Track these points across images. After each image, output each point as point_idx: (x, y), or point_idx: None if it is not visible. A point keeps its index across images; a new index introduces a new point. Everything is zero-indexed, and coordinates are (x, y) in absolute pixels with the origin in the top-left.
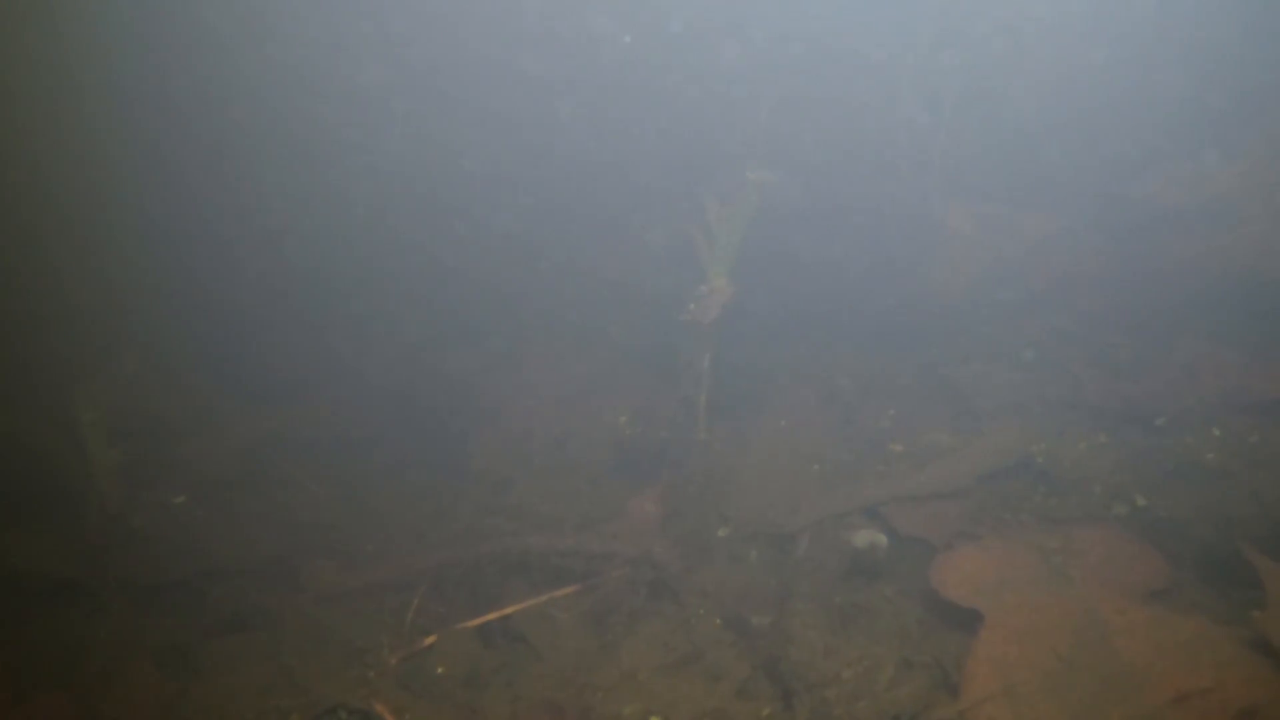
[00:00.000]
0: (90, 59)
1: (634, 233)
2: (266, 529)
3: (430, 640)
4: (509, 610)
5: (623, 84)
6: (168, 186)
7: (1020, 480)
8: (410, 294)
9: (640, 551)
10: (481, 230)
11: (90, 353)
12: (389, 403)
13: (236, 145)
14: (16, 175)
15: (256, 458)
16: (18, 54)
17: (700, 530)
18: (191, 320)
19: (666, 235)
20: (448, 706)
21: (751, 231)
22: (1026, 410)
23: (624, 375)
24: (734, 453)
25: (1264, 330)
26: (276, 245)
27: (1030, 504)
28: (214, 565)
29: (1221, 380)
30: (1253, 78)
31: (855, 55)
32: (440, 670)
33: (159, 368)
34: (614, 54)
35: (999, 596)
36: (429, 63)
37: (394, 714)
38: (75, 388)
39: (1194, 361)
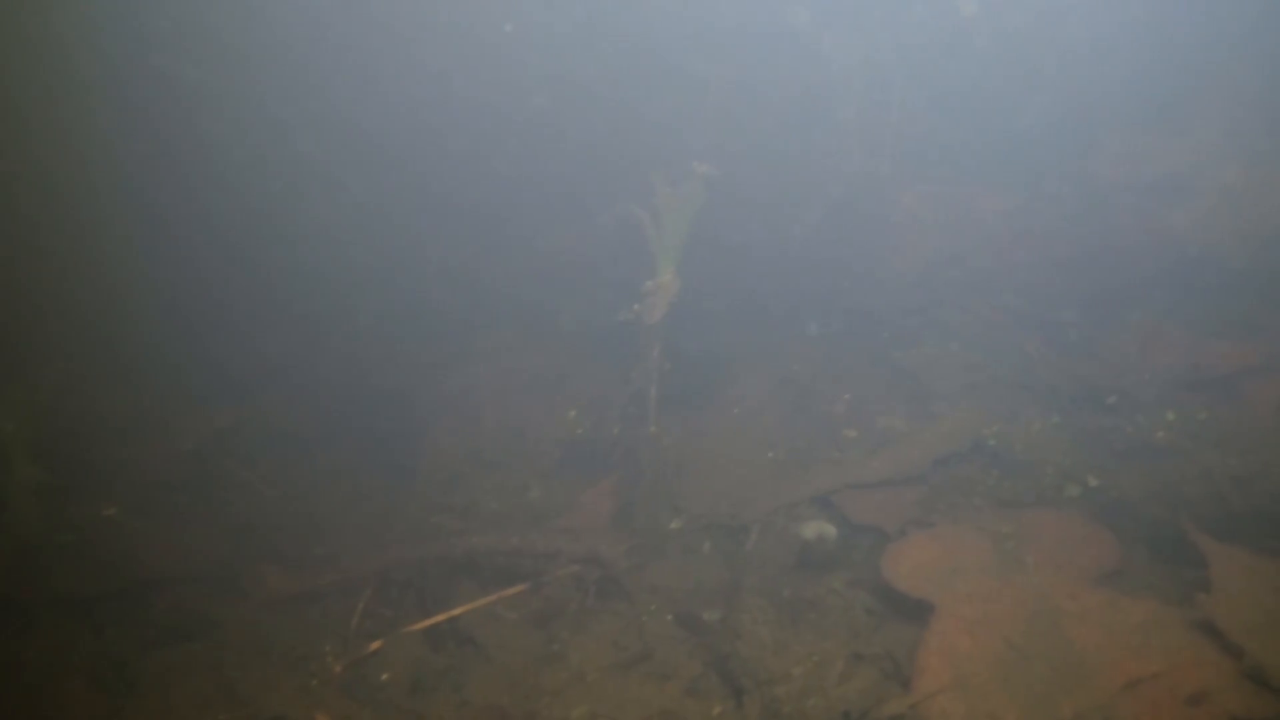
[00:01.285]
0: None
1: (584, 218)
2: (210, 534)
3: (376, 646)
4: (457, 612)
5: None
6: (115, 182)
7: (973, 464)
8: (358, 288)
9: (588, 549)
10: (428, 216)
11: (8, 358)
12: (340, 400)
13: (189, 141)
14: None
15: (202, 459)
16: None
17: (652, 524)
18: (138, 319)
19: (616, 220)
20: (393, 714)
21: (700, 220)
22: (980, 392)
23: (575, 367)
24: (686, 444)
25: (1214, 308)
26: (224, 241)
27: (983, 488)
28: (154, 574)
29: (1172, 358)
30: (1204, 55)
31: (804, 38)
32: (385, 677)
33: (100, 368)
34: (558, 38)
35: (951, 585)
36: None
37: None
38: None
39: (1145, 339)
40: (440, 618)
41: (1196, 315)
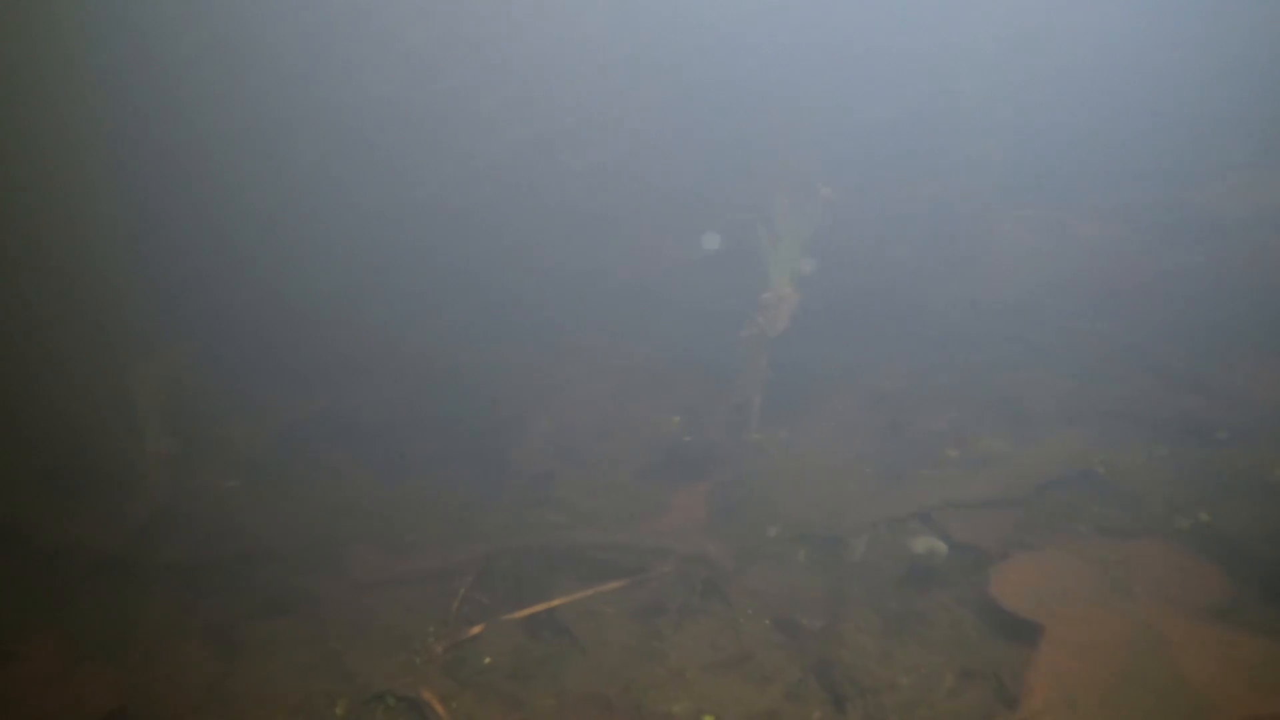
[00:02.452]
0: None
1: (685, 227)
2: (306, 513)
3: (477, 630)
4: (555, 603)
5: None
6: (216, 180)
7: (1077, 491)
8: (447, 290)
9: (691, 549)
10: (514, 230)
11: (146, 335)
12: (428, 394)
13: (286, 141)
14: (74, 163)
15: (297, 442)
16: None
17: (748, 530)
18: (235, 304)
19: (722, 239)
20: (494, 697)
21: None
22: (1083, 419)
23: (665, 371)
24: (781, 454)
25: None
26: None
27: (1088, 515)
28: (254, 549)
29: None
30: None
31: (911, 59)
32: (487, 661)
33: (217, 351)
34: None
35: (1058, 608)
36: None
37: (441, 702)
38: (130, 370)
39: (1255, 373)
40: (539, 608)
41: None
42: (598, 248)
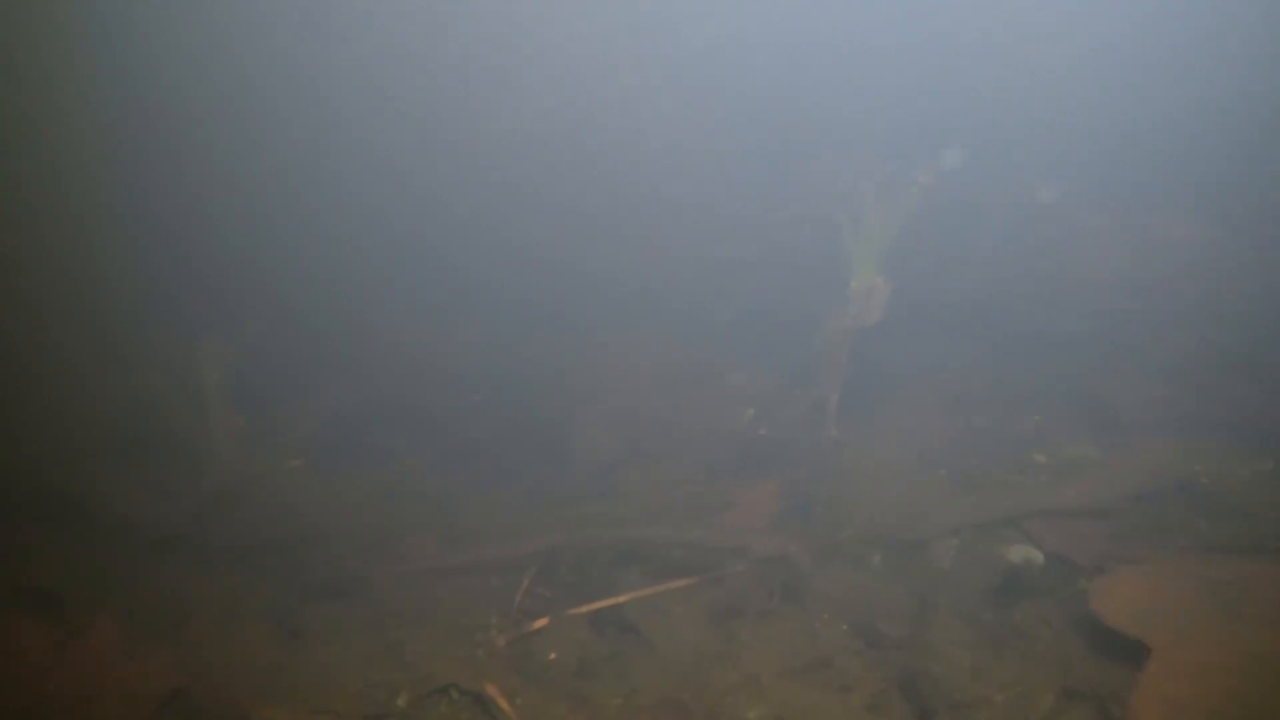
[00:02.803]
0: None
1: (756, 214)
2: (363, 497)
3: (541, 624)
4: (622, 599)
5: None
6: (261, 173)
7: (1177, 503)
8: (500, 276)
9: (762, 547)
10: (563, 206)
11: (215, 310)
12: (482, 379)
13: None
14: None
15: (352, 425)
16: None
17: (821, 530)
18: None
19: (799, 222)
20: (560, 695)
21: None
22: (1180, 428)
23: (731, 363)
24: (855, 451)
25: None
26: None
27: (1191, 530)
28: (312, 530)
29: None
30: None
31: (996, 47)
32: (552, 656)
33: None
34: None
35: (1165, 627)
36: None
37: (506, 697)
38: (200, 345)
39: None
40: (604, 603)
41: None
42: (658, 239)
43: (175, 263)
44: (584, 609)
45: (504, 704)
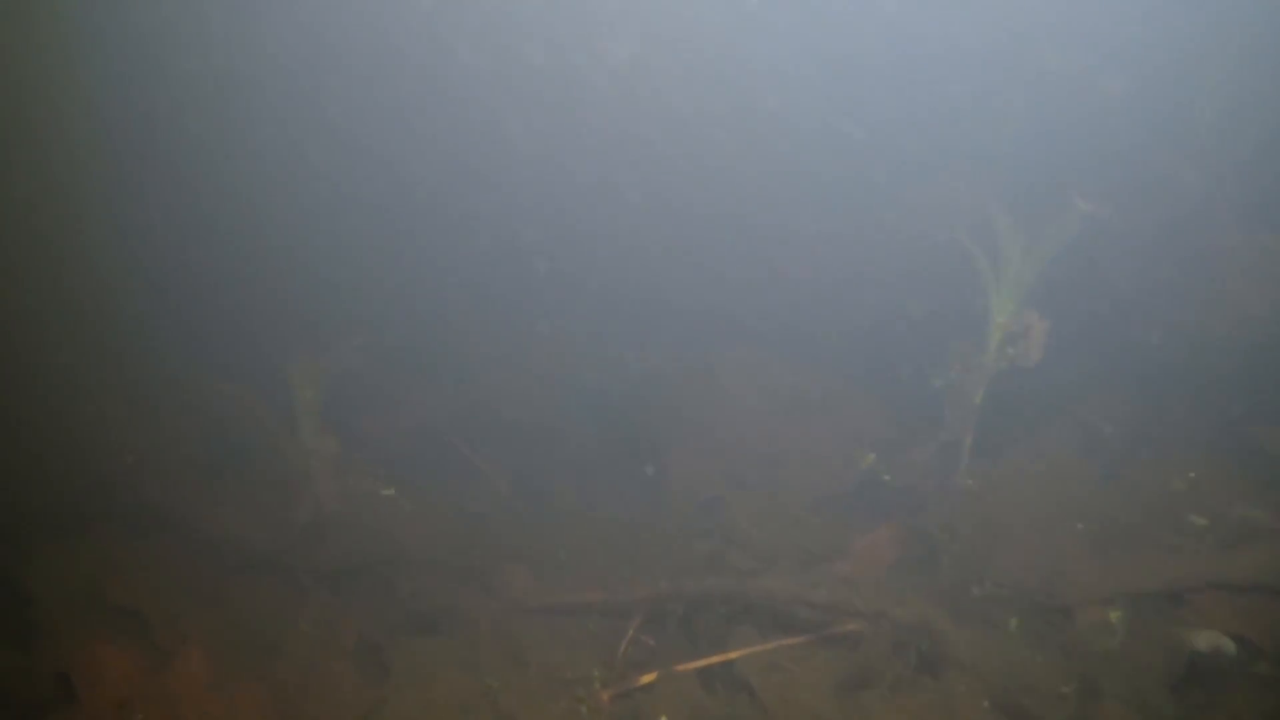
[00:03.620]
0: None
1: (875, 236)
2: (450, 519)
3: (648, 679)
4: (733, 655)
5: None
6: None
7: None
8: (594, 287)
9: (885, 602)
10: (677, 222)
11: (308, 330)
12: (571, 396)
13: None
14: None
15: (435, 440)
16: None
17: (948, 586)
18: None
19: (924, 247)
20: None
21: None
22: None
23: (841, 393)
24: (982, 497)
25: None
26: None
27: None
28: (401, 556)
29: None
30: None
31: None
32: (663, 718)
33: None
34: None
35: None
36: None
37: None
38: (294, 361)
39: None
40: (715, 659)
41: None
42: (771, 258)
43: (270, 280)
44: (694, 665)
45: None
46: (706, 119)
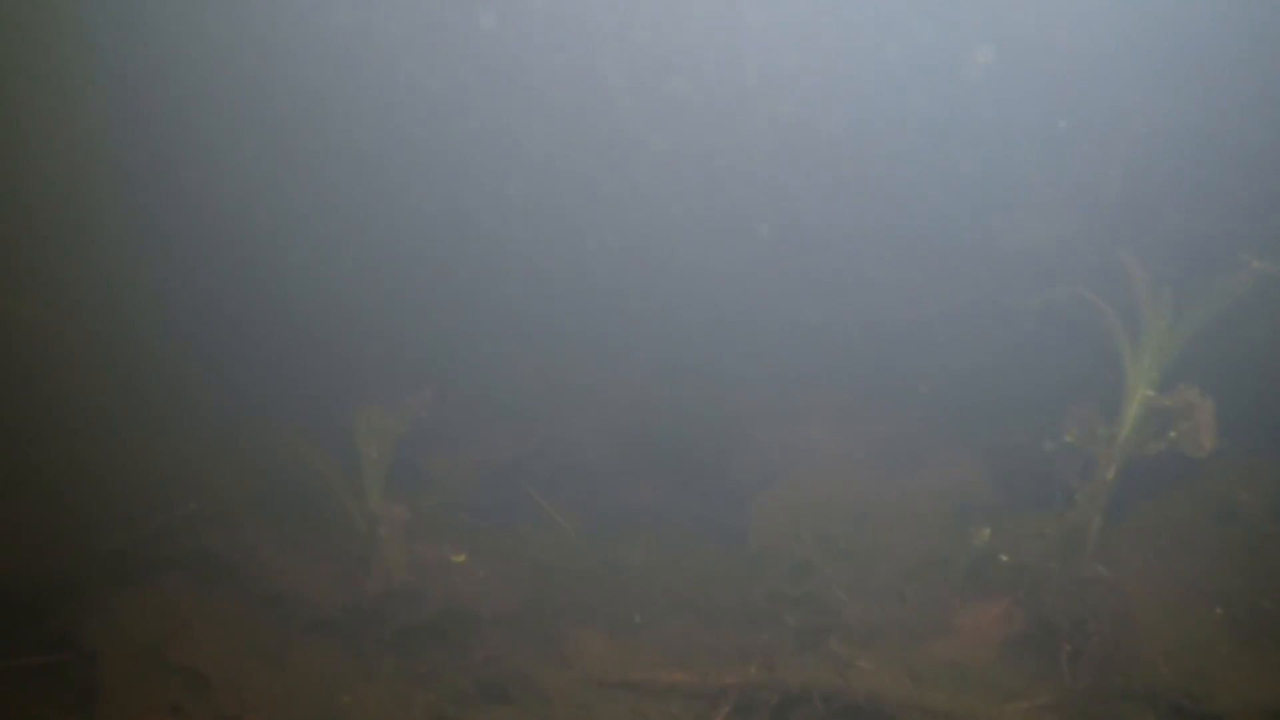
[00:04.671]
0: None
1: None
2: (518, 572)
3: None
4: None
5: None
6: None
7: None
8: (667, 321)
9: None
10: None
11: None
12: (644, 436)
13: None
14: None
15: (502, 482)
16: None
17: (1076, 682)
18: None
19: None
20: None
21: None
22: None
23: (935, 446)
24: (1108, 578)
25: None
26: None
27: None
28: (470, 613)
29: None
30: None
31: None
32: None
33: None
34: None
35: None
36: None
37: None
38: (359, 416)
39: None
40: None
41: None
42: (854, 291)
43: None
44: None
45: None
46: (801, 160)
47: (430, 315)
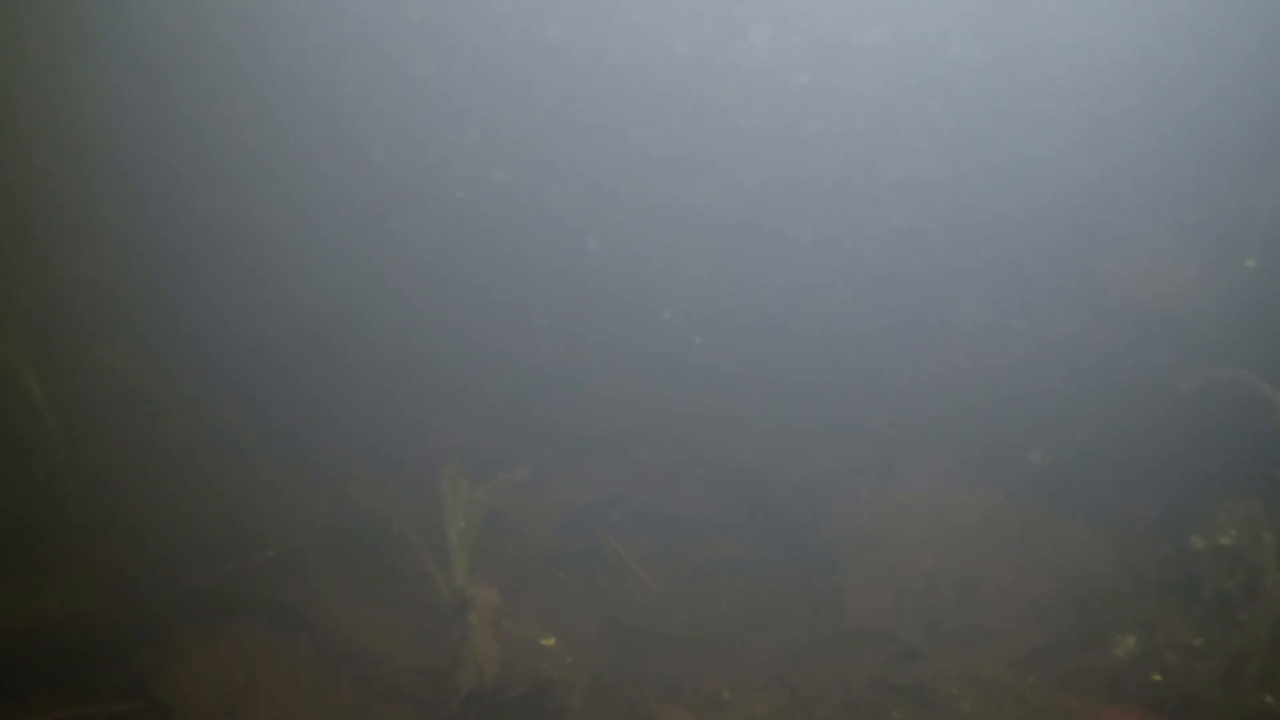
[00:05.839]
0: None
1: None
2: (591, 628)
3: None
4: None
5: None
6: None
7: None
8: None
9: None
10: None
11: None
12: (730, 488)
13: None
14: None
15: (582, 527)
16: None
17: None
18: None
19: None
20: None
21: None
22: None
23: (1043, 523)
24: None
25: None
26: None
27: None
28: (542, 679)
29: None
30: None
31: None
32: None
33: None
34: None
35: None
36: None
37: None
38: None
39: None
40: None
41: None
42: (946, 346)
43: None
44: None
45: None
46: (883, 205)
47: (496, 344)
